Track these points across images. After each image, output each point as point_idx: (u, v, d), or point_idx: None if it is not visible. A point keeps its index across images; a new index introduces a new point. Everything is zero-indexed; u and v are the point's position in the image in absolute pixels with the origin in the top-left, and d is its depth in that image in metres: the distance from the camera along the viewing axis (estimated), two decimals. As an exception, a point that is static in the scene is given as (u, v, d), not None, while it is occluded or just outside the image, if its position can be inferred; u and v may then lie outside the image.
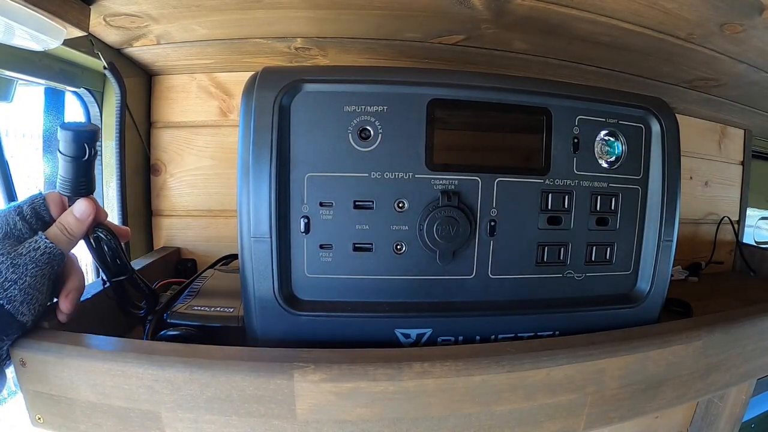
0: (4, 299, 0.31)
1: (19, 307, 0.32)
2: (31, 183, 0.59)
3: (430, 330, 0.39)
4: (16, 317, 0.32)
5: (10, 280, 0.32)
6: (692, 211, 0.89)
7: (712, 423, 0.55)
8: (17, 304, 0.32)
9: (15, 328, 0.32)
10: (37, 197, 0.37)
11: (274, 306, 0.37)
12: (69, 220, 0.36)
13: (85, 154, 0.36)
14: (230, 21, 0.52)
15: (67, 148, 0.35)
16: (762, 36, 0.51)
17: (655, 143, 0.42)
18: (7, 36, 0.41)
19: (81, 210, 0.37)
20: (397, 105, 0.37)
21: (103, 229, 0.39)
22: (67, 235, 0.36)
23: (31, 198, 0.37)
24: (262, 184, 0.36)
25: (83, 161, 0.36)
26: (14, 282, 0.32)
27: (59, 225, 0.36)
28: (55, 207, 0.38)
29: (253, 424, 0.32)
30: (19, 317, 0.32)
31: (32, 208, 0.37)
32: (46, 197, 0.38)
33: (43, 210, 0.37)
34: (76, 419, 0.33)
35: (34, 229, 0.36)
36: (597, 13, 0.48)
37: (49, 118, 0.59)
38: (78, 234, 0.37)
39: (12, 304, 0.32)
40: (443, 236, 0.37)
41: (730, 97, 0.75)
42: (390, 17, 0.50)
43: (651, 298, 0.43)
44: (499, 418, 0.35)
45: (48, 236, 0.35)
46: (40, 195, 0.38)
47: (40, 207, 0.37)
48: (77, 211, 0.37)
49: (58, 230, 0.36)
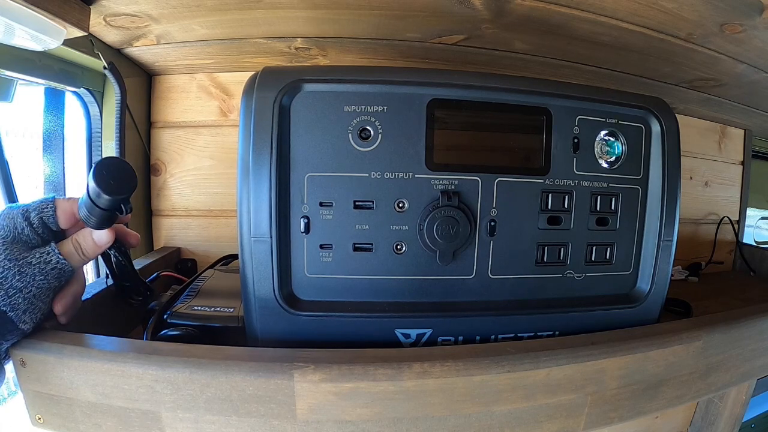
0: (7, 306, 0.31)
1: (22, 316, 0.32)
2: (31, 183, 0.59)
3: (430, 330, 0.39)
4: (17, 325, 0.32)
5: (15, 287, 0.31)
6: (692, 211, 0.89)
7: (712, 423, 0.55)
8: (20, 313, 0.31)
9: (15, 334, 0.32)
10: (46, 204, 0.35)
11: (274, 306, 0.37)
12: (87, 243, 0.35)
13: (122, 212, 0.34)
14: (230, 21, 0.52)
15: (101, 201, 0.33)
16: (762, 36, 0.51)
17: (655, 143, 0.42)
18: (8, 36, 0.41)
19: (102, 239, 0.36)
20: (397, 105, 0.37)
21: (116, 249, 0.39)
22: (80, 255, 0.35)
23: (39, 203, 0.35)
24: (262, 184, 0.36)
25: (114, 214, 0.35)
26: (19, 290, 0.31)
27: (75, 244, 0.35)
28: (65, 218, 0.36)
29: (253, 424, 0.32)
30: (20, 325, 0.32)
31: (40, 217, 0.35)
32: (56, 206, 0.35)
33: (51, 219, 0.35)
34: (76, 419, 0.33)
35: (41, 236, 0.35)
36: (597, 13, 0.48)
37: (49, 118, 0.59)
38: (92, 257, 0.36)
39: (15, 312, 0.31)
40: (443, 236, 0.37)
41: (730, 97, 0.75)
42: (390, 17, 0.50)
43: (651, 298, 0.43)
44: (499, 418, 0.35)
45: (61, 251, 0.34)
46: (49, 201, 0.35)
47: (49, 215, 0.35)
48: (98, 238, 0.35)
49: (73, 248, 0.35)
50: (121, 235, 0.38)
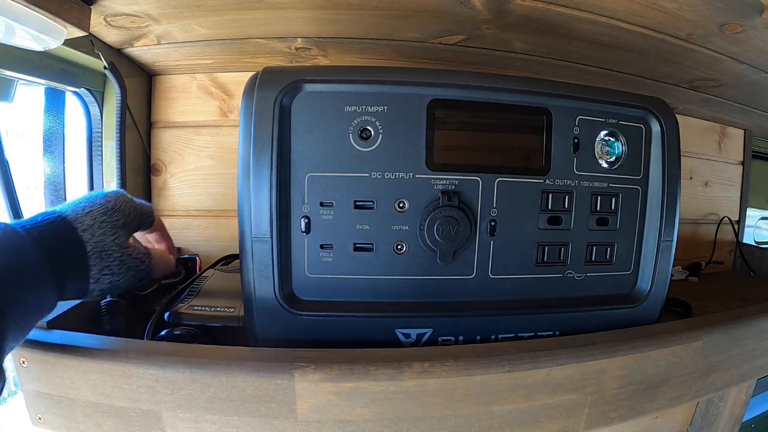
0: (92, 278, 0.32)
1: (96, 294, 0.33)
2: (31, 183, 0.59)
3: (431, 330, 0.39)
4: (87, 293, 0.33)
5: (110, 271, 0.33)
6: (692, 211, 0.89)
7: (712, 423, 0.55)
8: (95, 292, 0.33)
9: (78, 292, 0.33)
10: (148, 219, 0.40)
11: (275, 306, 0.37)
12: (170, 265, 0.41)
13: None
14: (230, 21, 0.52)
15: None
16: (762, 36, 0.51)
17: (655, 143, 0.42)
18: (8, 36, 0.41)
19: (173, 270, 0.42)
20: (397, 105, 0.37)
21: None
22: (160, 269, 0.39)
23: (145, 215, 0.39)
24: (263, 184, 0.36)
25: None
26: (111, 274, 0.33)
27: (164, 261, 0.40)
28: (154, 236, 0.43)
29: (254, 424, 0.32)
30: (87, 298, 0.34)
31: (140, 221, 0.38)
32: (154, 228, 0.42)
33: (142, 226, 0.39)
34: (76, 419, 0.33)
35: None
36: (597, 13, 0.48)
37: (50, 118, 0.59)
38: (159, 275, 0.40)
39: (95, 285, 0.33)
40: (444, 236, 0.37)
41: (730, 97, 0.75)
42: (390, 17, 0.50)
43: (651, 298, 0.43)
44: (499, 418, 0.35)
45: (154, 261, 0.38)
46: (151, 221, 0.40)
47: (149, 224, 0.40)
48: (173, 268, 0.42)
49: (161, 262, 0.39)
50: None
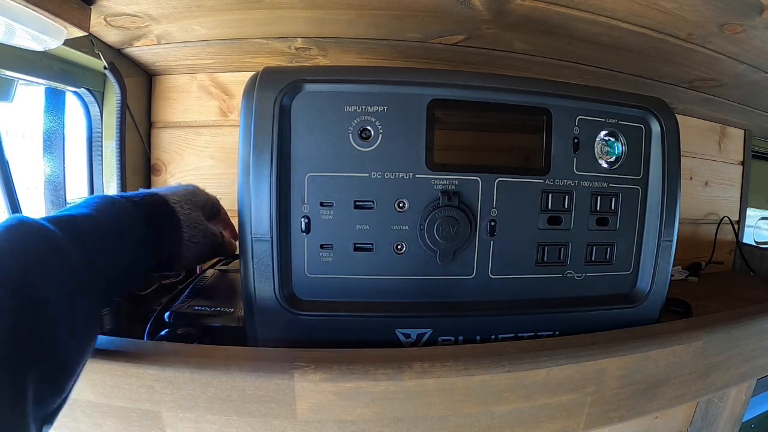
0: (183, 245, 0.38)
1: (184, 263, 0.39)
2: (31, 183, 0.59)
3: (431, 330, 0.39)
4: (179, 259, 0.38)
5: (196, 240, 0.39)
6: (692, 211, 0.89)
7: (712, 423, 0.55)
8: (184, 261, 0.39)
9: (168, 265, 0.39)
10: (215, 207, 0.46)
11: (275, 306, 0.37)
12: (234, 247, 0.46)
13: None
14: (230, 21, 0.52)
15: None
16: (762, 36, 0.51)
17: (655, 143, 0.42)
18: (8, 36, 0.41)
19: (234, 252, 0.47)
20: (397, 105, 0.37)
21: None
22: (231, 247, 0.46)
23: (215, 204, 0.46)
24: (263, 184, 0.36)
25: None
26: (197, 244, 0.39)
27: (230, 243, 0.46)
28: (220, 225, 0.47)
29: (254, 424, 0.32)
30: (175, 268, 0.41)
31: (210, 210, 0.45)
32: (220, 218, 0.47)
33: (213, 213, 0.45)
34: (77, 419, 0.33)
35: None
36: (597, 13, 0.48)
37: (50, 118, 0.59)
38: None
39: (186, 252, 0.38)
40: (443, 236, 0.37)
41: (730, 97, 0.75)
42: (390, 17, 0.50)
43: (651, 298, 0.43)
44: (499, 418, 0.35)
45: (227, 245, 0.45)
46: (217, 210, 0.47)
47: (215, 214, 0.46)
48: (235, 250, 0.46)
49: (229, 243, 0.46)
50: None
